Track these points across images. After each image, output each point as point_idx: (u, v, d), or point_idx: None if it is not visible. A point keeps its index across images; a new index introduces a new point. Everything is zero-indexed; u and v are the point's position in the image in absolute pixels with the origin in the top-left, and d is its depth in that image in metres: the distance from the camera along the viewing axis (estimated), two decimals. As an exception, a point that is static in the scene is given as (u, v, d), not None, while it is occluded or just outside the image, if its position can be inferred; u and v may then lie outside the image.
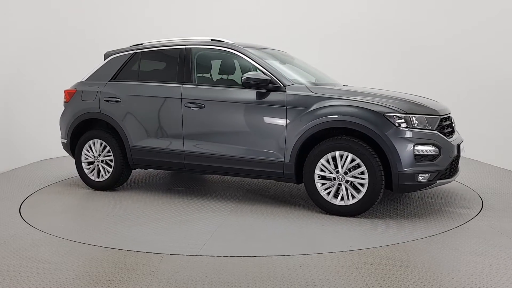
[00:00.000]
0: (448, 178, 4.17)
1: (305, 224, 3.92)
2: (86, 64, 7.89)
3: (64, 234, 3.73)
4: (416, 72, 7.92)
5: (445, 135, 4.11)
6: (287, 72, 4.62)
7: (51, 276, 2.91)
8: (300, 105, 4.22)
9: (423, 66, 7.83)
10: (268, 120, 4.34)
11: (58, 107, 7.69)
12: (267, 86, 4.33)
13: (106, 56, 5.52)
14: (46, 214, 4.34)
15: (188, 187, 5.40)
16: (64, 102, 5.61)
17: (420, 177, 3.90)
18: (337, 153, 4.05)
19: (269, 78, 4.34)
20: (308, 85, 4.41)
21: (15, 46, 6.90)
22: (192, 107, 4.65)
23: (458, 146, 4.19)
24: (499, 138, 6.41)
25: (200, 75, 4.96)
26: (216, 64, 5.07)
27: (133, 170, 5.38)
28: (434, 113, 4.12)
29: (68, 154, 5.59)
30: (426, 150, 3.91)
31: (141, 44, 5.31)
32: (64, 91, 5.61)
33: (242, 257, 3.22)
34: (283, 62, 5.04)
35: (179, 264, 3.09)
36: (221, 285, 2.77)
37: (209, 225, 3.94)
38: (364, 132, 3.97)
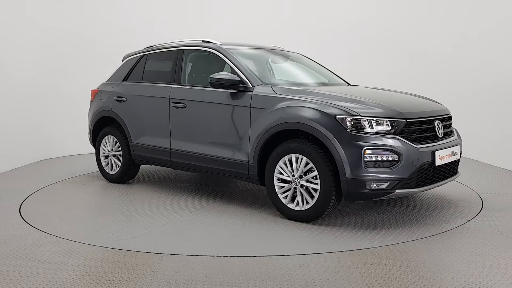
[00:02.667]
0: (415, 187, 3.74)
1: (305, 224, 3.92)
2: (86, 64, 7.96)
3: (64, 234, 3.73)
4: (417, 72, 7.92)
5: (414, 140, 3.74)
6: (261, 73, 4.60)
7: (51, 276, 2.91)
8: (262, 106, 4.14)
9: (425, 66, 7.84)
10: (236, 120, 4.33)
11: (58, 107, 7.74)
12: (236, 86, 4.31)
13: (124, 58, 5.91)
14: (46, 214, 4.34)
15: (196, 185, 5.40)
16: (90, 101, 6.10)
17: (373, 185, 3.59)
18: (293, 156, 3.90)
19: (239, 79, 4.31)
20: (275, 85, 4.28)
21: (15, 46, 6.90)
22: (177, 107, 4.83)
23: (433, 153, 3.78)
24: (499, 138, 6.41)
25: (189, 76, 5.03)
26: (202, 65, 5.10)
27: (142, 166, 5.78)
28: (398, 116, 3.74)
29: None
30: (380, 156, 3.57)
31: (152, 46, 5.58)
32: (91, 91, 6.11)
33: (242, 257, 3.22)
34: (274, 61, 5.12)
35: (179, 264, 3.09)
36: (221, 285, 2.77)
37: (208, 226, 3.94)
38: (314, 135, 3.77)
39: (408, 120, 3.76)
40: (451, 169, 4.18)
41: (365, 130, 3.64)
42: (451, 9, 7.45)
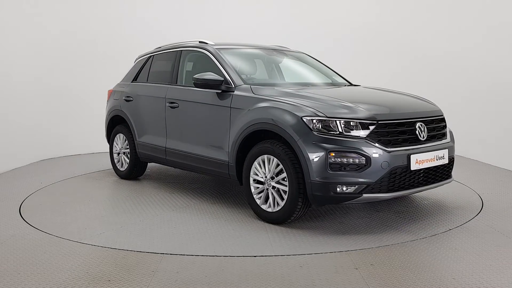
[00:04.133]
0: (387, 192, 3.56)
1: (304, 224, 3.92)
2: (88, 64, 7.96)
3: (64, 234, 3.73)
4: (418, 72, 7.93)
5: (388, 143, 3.58)
6: (246, 73, 4.60)
7: (51, 276, 2.91)
8: (240, 106, 4.15)
9: (426, 66, 7.84)
10: (219, 120, 4.35)
11: (58, 107, 7.74)
12: (219, 86, 4.34)
13: (136, 59, 6.10)
14: (46, 214, 4.34)
15: (203, 185, 5.40)
16: (106, 100, 6.35)
17: (338, 189, 3.49)
18: (266, 157, 3.87)
19: (222, 79, 4.33)
20: (254, 86, 4.26)
21: (15, 46, 6.90)
22: (172, 107, 4.94)
23: (409, 157, 3.59)
24: (499, 138, 6.41)
25: (185, 76, 5.08)
26: (197, 66, 5.14)
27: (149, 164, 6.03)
28: (369, 117, 3.59)
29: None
30: (346, 159, 3.47)
31: (160, 47, 5.70)
32: (108, 91, 6.36)
33: (242, 257, 3.22)
34: (270, 61, 5.13)
35: (179, 264, 3.09)
36: (221, 285, 2.77)
37: (208, 226, 3.94)
38: (282, 136, 3.73)
39: (379, 122, 3.60)
40: (438, 173, 3.94)
41: (331, 132, 3.54)
42: (455, 10, 7.44)
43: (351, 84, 5.17)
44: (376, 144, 3.52)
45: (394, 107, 3.93)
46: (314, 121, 3.58)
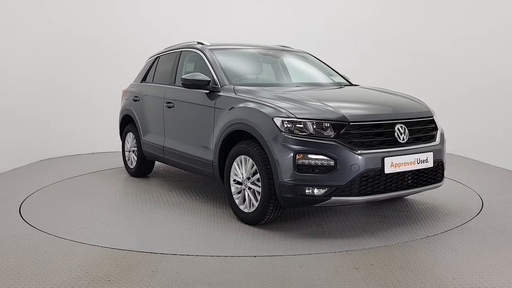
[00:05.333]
0: (358, 196, 3.43)
1: (304, 224, 3.92)
2: (87, 65, 7.95)
3: (64, 234, 3.73)
4: (418, 72, 7.93)
5: (361, 145, 3.47)
6: (235, 73, 4.60)
7: (51, 276, 2.91)
8: (222, 107, 4.17)
9: (427, 66, 7.84)
10: (205, 120, 4.38)
11: (58, 107, 7.74)
12: (205, 87, 4.38)
13: (147, 60, 6.21)
14: (46, 214, 4.34)
15: (207, 185, 5.40)
16: (121, 100, 6.50)
17: (307, 191, 3.42)
18: (243, 158, 3.87)
19: (208, 79, 4.36)
20: (237, 86, 4.25)
21: (15, 46, 6.90)
22: (168, 107, 5.05)
23: (382, 159, 3.45)
24: (499, 138, 6.41)
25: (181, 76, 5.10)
26: (193, 66, 5.17)
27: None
28: (340, 119, 3.49)
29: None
30: (314, 161, 3.39)
31: (167, 48, 5.80)
32: (122, 91, 6.51)
33: (242, 257, 3.22)
34: (266, 61, 5.12)
35: (179, 264, 3.09)
36: (221, 285, 2.77)
37: (208, 226, 3.94)
38: (255, 136, 3.72)
39: (351, 123, 3.49)
40: (421, 177, 3.76)
41: (301, 133, 3.47)
42: (455, 10, 7.44)
43: (351, 84, 5.12)
44: (346, 146, 3.42)
45: (372, 108, 3.85)
46: (285, 122, 3.53)
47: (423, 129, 3.91)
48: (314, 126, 3.48)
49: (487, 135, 6.63)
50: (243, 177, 3.90)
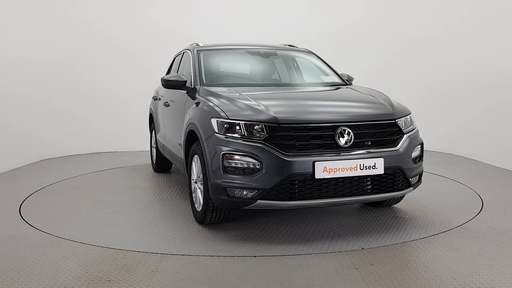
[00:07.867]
0: (287, 200, 3.31)
1: (304, 224, 3.92)
2: (87, 65, 7.95)
3: (64, 234, 3.73)
4: (417, 72, 7.93)
5: (293, 148, 3.34)
6: (212, 74, 4.61)
7: (51, 276, 2.91)
8: (189, 107, 4.22)
9: (425, 66, 7.84)
10: (181, 120, 4.46)
11: (58, 107, 7.74)
12: (182, 87, 4.49)
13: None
14: (46, 214, 4.34)
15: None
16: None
17: (234, 192, 3.36)
18: (195, 157, 3.89)
19: (184, 80, 4.46)
20: (206, 87, 4.24)
21: (15, 46, 6.90)
22: (165, 106, 5.37)
23: (313, 164, 3.28)
24: (499, 138, 6.41)
25: None
26: (186, 66, 5.17)
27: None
28: (271, 120, 3.38)
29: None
30: (240, 163, 3.33)
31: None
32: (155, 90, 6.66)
33: (242, 257, 3.22)
34: (255, 62, 5.07)
35: (179, 264, 3.09)
36: (221, 285, 2.77)
37: (208, 226, 3.95)
38: (198, 136, 3.76)
39: (282, 125, 3.36)
40: (366, 185, 3.49)
41: (231, 134, 3.42)
42: (454, 10, 7.44)
43: (345, 84, 4.83)
44: (273, 148, 3.31)
45: (311, 111, 3.65)
46: (219, 122, 3.52)
47: (378, 133, 3.60)
48: (246, 128, 3.41)
49: (487, 135, 6.63)
50: (196, 177, 3.96)
